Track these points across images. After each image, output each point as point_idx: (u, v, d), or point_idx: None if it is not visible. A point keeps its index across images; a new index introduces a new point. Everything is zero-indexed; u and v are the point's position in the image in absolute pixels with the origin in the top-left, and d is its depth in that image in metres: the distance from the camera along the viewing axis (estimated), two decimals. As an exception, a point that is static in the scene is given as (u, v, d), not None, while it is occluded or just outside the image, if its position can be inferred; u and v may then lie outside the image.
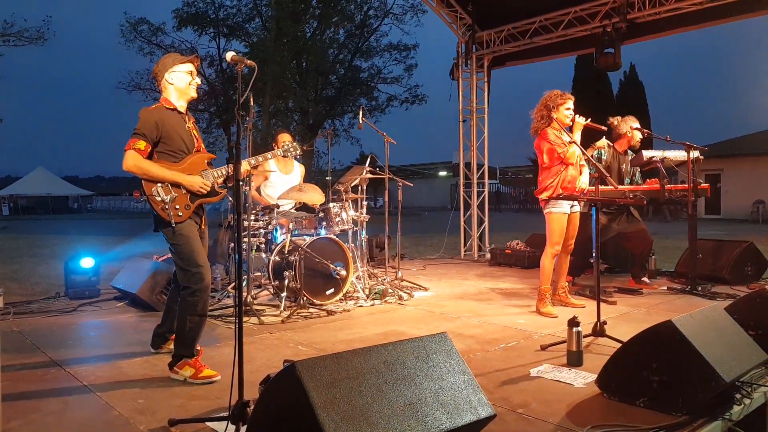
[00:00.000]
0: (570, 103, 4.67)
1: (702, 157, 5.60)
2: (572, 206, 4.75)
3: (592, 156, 5.43)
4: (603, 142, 5.71)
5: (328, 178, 5.85)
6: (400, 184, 6.07)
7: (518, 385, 2.99)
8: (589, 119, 4.64)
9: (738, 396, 2.64)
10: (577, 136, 4.61)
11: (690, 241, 5.72)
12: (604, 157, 5.65)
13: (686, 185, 5.51)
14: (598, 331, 3.61)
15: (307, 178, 6.08)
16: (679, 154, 5.67)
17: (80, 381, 3.09)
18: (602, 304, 3.80)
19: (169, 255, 3.32)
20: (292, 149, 3.83)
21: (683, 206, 5.58)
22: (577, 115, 4.62)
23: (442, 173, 46.56)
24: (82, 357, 3.55)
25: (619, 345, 3.01)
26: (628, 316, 4.58)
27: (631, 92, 32.22)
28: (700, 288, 5.47)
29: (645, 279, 5.90)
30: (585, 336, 3.44)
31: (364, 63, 27.67)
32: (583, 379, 3.02)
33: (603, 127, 4.73)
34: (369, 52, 27.47)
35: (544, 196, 4.69)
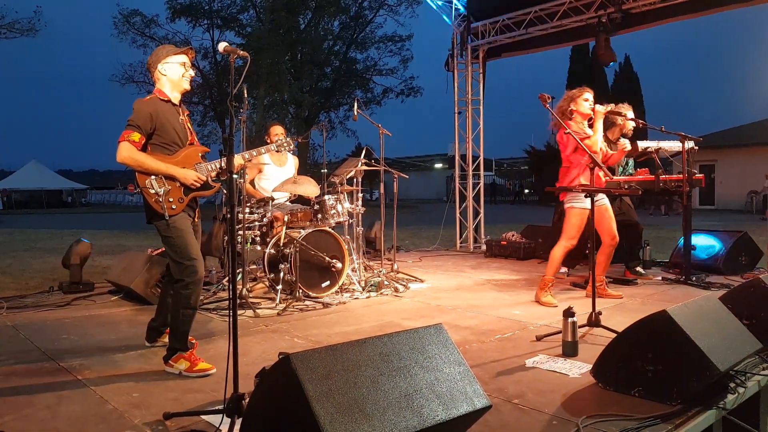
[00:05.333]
0: (588, 95, 4.69)
1: (696, 148, 5.60)
2: (597, 199, 4.61)
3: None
4: None
5: (323, 170, 5.83)
6: (396, 176, 6.05)
7: (514, 375, 3.00)
8: (610, 106, 4.62)
9: (732, 385, 2.65)
10: (599, 125, 4.59)
11: (684, 231, 5.73)
12: None
13: (681, 176, 5.52)
14: (593, 321, 3.62)
15: (303, 171, 6.05)
16: (673, 145, 5.67)
17: (74, 375, 3.08)
18: (597, 295, 3.81)
19: (164, 248, 3.30)
20: (285, 144, 3.82)
21: (678, 197, 5.59)
22: (596, 105, 4.62)
23: (438, 165, 46.61)
24: (76, 351, 3.53)
25: (614, 335, 3.02)
26: (622, 307, 4.59)
27: (626, 84, 32.29)
28: (694, 278, 5.50)
29: (639, 269, 5.92)
30: (580, 326, 3.45)
31: (360, 55, 27.62)
32: (578, 370, 3.03)
33: (624, 114, 4.71)
34: (364, 44, 27.39)
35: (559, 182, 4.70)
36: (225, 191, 4.72)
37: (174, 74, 3.22)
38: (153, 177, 3.07)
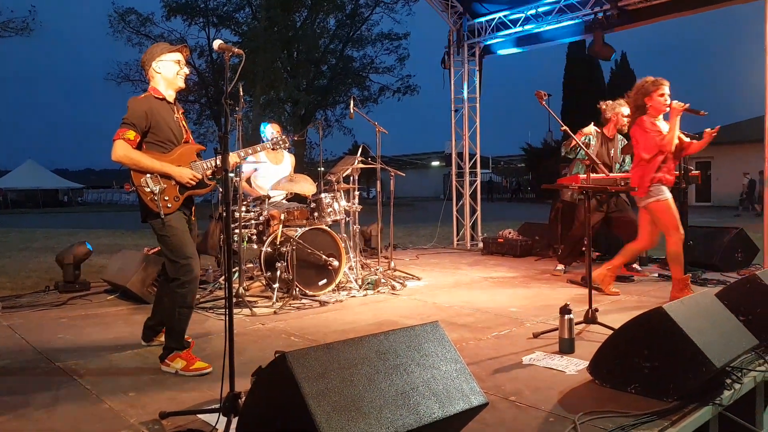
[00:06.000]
0: (664, 89, 4.48)
1: (693, 145, 5.61)
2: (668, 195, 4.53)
3: (582, 143, 5.43)
4: (591, 128, 5.71)
5: (320, 168, 5.83)
6: (392, 174, 6.04)
7: (510, 372, 3.00)
8: (688, 104, 4.43)
9: (728, 381, 2.66)
10: (676, 122, 4.40)
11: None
12: (592, 143, 5.66)
13: (677, 172, 5.52)
14: (590, 318, 3.63)
15: (299, 169, 6.04)
16: (670, 142, 5.67)
17: (70, 375, 3.07)
18: (593, 292, 3.81)
19: (159, 247, 3.29)
20: (281, 142, 3.81)
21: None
22: (674, 101, 4.44)
23: (435, 163, 46.62)
24: (72, 351, 3.52)
25: (610, 332, 3.02)
26: (619, 303, 4.59)
27: (622, 81, 32.19)
28: (691, 275, 5.50)
29: (636, 266, 5.93)
30: (577, 323, 3.45)
31: (356, 53, 27.56)
32: (575, 367, 3.03)
33: (703, 112, 4.48)
34: (360, 42, 27.34)
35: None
36: (221, 189, 4.71)
37: (169, 72, 3.20)
38: (148, 175, 3.06)
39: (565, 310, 3.29)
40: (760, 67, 5.76)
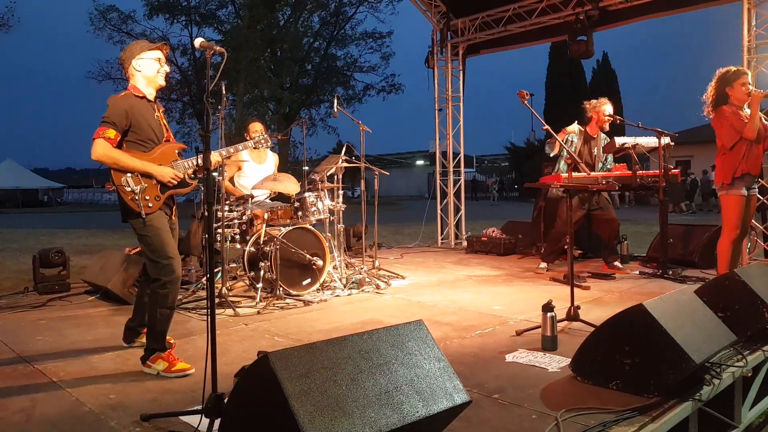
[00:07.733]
0: (745, 78, 4.40)
1: (673, 144, 5.68)
2: (751, 189, 4.50)
3: (564, 141, 5.48)
4: (574, 126, 5.75)
5: (305, 168, 5.80)
6: (377, 173, 6.04)
7: (493, 370, 3.01)
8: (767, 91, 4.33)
9: (708, 377, 2.70)
10: (756, 110, 4.27)
11: (661, 226, 5.82)
12: (575, 142, 5.71)
13: (657, 171, 5.59)
14: (572, 315, 3.66)
15: (283, 168, 6.01)
16: (650, 141, 5.74)
17: (49, 377, 3.02)
18: (576, 289, 3.85)
19: (140, 247, 3.25)
20: (263, 141, 3.79)
21: (654, 192, 5.66)
22: (754, 89, 4.35)
23: (419, 162, 46.73)
24: (52, 353, 3.46)
25: (592, 329, 3.05)
26: (601, 301, 4.64)
27: (604, 80, 32.61)
28: (670, 272, 5.58)
29: (617, 263, 5.99)
30: (559, 321, 3.48)
31: (340, 51, 27.52)
32: (557, 364, 3.06)
33: None
34: (344, 41, 27.30)
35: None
36: (203, 188, 4.67)
37: (149, 70, 3.16)
38: (129, 175, 3.03)
39: (547, 307, 3.32)
40: (737, 64, 5.84)
